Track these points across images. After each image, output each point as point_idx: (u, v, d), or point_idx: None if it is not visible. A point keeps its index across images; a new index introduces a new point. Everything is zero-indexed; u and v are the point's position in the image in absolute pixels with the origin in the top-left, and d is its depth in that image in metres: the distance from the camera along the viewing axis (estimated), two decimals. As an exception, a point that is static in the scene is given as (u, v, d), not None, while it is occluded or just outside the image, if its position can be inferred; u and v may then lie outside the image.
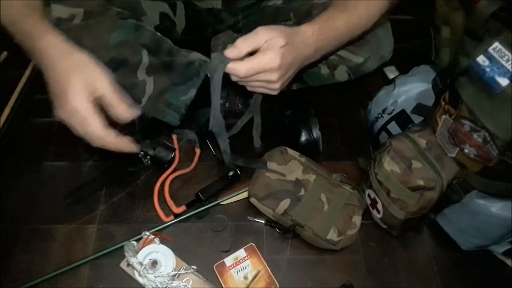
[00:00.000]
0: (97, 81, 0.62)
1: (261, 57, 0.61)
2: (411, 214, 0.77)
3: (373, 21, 0.73)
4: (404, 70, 0.95)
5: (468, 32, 0.70)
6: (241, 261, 0.82)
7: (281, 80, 0.65)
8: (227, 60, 0.61)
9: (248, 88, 0.69)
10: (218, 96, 0.69)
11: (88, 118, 0.62)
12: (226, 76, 0.92)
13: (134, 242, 0.81)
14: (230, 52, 0.61)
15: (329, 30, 0.67)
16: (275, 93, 0.68)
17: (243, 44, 0.61)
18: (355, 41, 0.77)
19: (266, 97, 0.72)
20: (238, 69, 0.62)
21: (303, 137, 0.93)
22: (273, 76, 0.63)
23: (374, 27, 0.76)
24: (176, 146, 0.97)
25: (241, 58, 0.62)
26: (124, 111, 0.64)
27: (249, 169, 0.91)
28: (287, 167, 0.86)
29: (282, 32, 0.62)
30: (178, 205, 0.88)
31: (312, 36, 0.65)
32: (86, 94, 0.61)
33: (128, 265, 0.79)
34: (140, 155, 0.93)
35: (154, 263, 0.79)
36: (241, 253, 0.83)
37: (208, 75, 0.67)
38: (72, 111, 0.62)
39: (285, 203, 0.83)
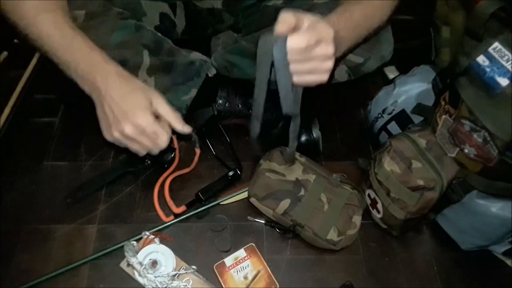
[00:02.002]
0: (154, 99, 0.67)
1: (315, 26, 0.56)
2: (411, 214, 0.77)
3: (387, 15, 0.72)
4: (404, 70, 0.95)
5: (468, 32, 0.70)
6: (241, 261, 0.82)
7: (334, 57, 0.59)
8: (283, 36, 0.54)
9: (295, 78, 0.61)
10: (287, 75, 0.58)
11: (158, 130, 0.67)
12: (226, 76, 0.92)
13: (134, 242, 0.81)
14: (281, 26, 0.54)
15: (346, 20, 0.65)
16: (325, 77, 0.60)
17: (287, 16, 0.55)
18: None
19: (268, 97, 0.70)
20: (299, 38, 0.55)
21: (303, 137, 0.93)
22: (330, 49, 0.57)
23: (386, 24, 0.74)
24: (176, 146, 0.97)
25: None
26: (183, 125, 0.70)
27: (249, 169, 0.91)
28: (287, 167, 0.86)
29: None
30: (178, 205, 0.88)
31: (333, 26, 0.61)
32: (150, 110, 0.66)
33: (128, 265, 0.79)
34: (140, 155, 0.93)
35: (154, 263, 0.79)
36: (241, 253, 0.83)
37: (257, 59, 0.59)
38: (141, 127, 0.66)
39: (285, 203, 0.83)
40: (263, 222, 0.88)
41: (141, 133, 0.67)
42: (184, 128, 0.70)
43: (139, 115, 0.65)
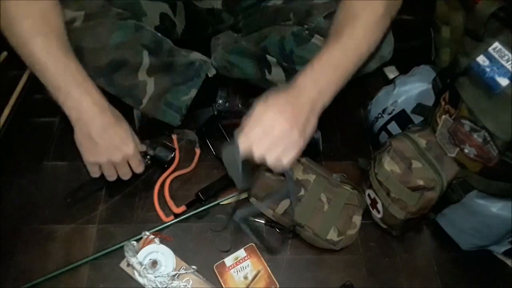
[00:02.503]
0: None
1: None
2: (411, 214, 0.77)
3: (377, 40, 0.68)
4: (404, 70, 0.95)
5: (468, 32, 0.70)
6: (241, 261, 0.82)
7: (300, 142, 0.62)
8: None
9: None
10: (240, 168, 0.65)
11: (141, 160, 0.80)
12: (226, 76, 0.92)
13: (134, 242, 0.81)
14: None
15: (324, 68, 0.64)
16: (300, 146, 0.62)
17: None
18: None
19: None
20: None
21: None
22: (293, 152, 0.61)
23: (381, 43, 0.72)
24: (176, 146, 0.97)
25: None
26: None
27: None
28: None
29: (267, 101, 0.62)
30: (178, 205, 0.88)
31: (308, 81, 0.63)
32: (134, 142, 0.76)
33: (128, 265, 0.79)
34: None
35: (154, 263, 0.79)
36: (241, 253, 0.83)
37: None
38: (129, 156, 0.76)
39: (285, 203, 0.83)
40: (263, 222, 0.88)
41: (126, 162, 0.76)
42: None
43: (130, 146, 0.74)
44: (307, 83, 0.63)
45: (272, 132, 0.59)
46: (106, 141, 0.72)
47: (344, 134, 1.04)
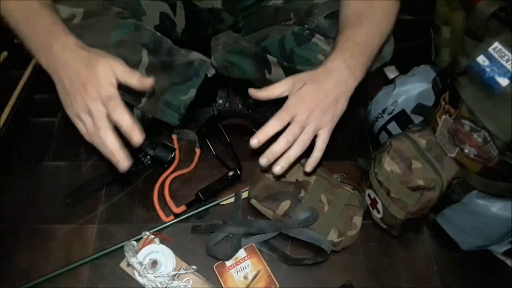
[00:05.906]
0: (115, 67, 0.61)
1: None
2: (411, 214, 0.77)
3: (392, 23, 0.73)
4: (404, 70, 0.95)
5: (468, 32, 0.70)
6: (241, 261, 0.82)
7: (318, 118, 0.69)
8: None
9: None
10: None
11: (120, 105, 0.60)
12: (226, 76, 0.92)
13: (134, 242, 0.81)
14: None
15: (351, 48, 0.67)
16: (330, 125, 0.72)
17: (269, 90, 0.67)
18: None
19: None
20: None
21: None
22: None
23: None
24: (176, 146, 0.97)
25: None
26: (139, 81, 0.64)
27: (249, 169, 0.91)
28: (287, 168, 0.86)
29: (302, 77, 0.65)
30: (178, 205, 0.88)
31: (340, 62, 0.66)
32: (113, 83, 0.60)
33: (128, 265, 0.79)
34: (140, 155, 0.93)
35: (154, 263, 0.79)
36: (241, 253, 0.83)
37: None
38: (100, 95, 0.60)
39: (285, 205, 0.83)
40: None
41: (104, 112, 0.61)
42: (140, 82, 0.64)
43: (103, 86, 0.59)
44: (340, 67, 0.66)
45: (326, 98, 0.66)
46: (77, 79, 0.61)
47: (344, 134, 1.04)
